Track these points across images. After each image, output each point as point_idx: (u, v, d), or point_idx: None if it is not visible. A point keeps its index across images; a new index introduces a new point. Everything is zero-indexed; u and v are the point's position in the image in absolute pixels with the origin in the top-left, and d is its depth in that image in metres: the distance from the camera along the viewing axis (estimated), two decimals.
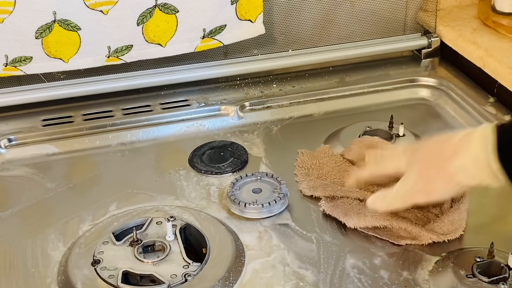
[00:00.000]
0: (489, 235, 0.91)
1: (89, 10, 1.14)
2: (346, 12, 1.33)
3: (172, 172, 1.07)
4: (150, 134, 1.18)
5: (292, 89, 1.29)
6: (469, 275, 0.83)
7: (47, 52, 1.16)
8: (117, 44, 1.19)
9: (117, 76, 1.25)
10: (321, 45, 1.35)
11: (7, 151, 1.14)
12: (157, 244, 0.89)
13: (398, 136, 1.10)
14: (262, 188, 0.99)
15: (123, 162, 1.12)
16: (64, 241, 0.93)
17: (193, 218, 0.94)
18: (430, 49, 1.37)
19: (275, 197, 0.97)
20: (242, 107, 1.24)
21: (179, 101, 1.25)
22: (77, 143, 1.16)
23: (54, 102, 1.23)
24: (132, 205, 0.99)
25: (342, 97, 1.28)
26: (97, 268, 0.85)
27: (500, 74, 1.19)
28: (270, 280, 0.86)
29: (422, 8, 1.38)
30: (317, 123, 1.21)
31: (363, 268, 0.88)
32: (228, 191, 0.98)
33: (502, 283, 0.82)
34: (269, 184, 1.00)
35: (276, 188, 0.99)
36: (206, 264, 0.86)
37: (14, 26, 1.12)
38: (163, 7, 1.17)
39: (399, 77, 1.32)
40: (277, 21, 1.30)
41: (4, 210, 1.00)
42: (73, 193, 1.04)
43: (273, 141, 1.16)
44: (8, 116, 1.21)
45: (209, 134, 1.18)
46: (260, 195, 0.98)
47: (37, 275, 0.88)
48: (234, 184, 0.99)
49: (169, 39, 1.21)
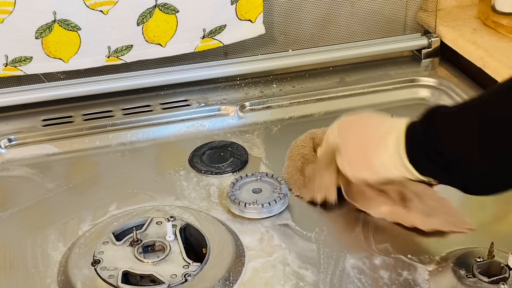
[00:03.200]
0: (489, 235, 0.91)
1: (89, 10, 1.14)
2: (346, 12, 1.33)
3: (172, 172, 1.07)
4: (150, 134, 1.18)
5: (292, 89, 1.29)
6: (469, 275, 0.83)
7: (47, 52, 1.16)
8: (117, 44, 1.19)
9: (117, 76, 1.25)
10: (321, 45, 1.35)
11: (7, 151, 1.14)
12: (157, 244, 0.89)
13: None
14: (262, 188, 0.99)
15: (123, 162, 1.11)
16: (64, 241, 0.93)
17: (193, 218, 0.94)
18: (430, 49, 1.37)
19: (275, 197, 0.97)
20: (242, 107, 1.24)
21: (179, 101, 1.25)
22: (77, 143, 1.16)
23: (54, 102, 1.23)
24: (132, 205, 0.99)
25: (342, 97, 1.28)
26: (97, 268, 0.85)
27: (500, 74, 1.19)
28: (270, 280, 0.86)
29: (422, 8, 1.38)
30: (317, 123, 1.20)
31: (363, 268, 0.88)
32: (228, 191, 0.98)
33: (502, 283, 0.82)
34: (269, 184, 1.00)
35: (276, 188, 0.99)
36: (206, 264, 0.86)
37: (14, 26, 1.12)
38: (163, 7, 1.18)
39: (399, 77, 1.32)
40: (277, 21, 1.30)
41: (4, 210, 1.00)
42: (73, 193, 1.04)
43: (273, 141, 1.16)
44: (8, 116, 1.21)
45: (209, 134, 1.18)
46: (260, 195, 0.98)
47: (37, 275, 0.88)
48: (234, 184, 0.99)
49: (169, 39, 1.21)
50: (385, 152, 0.84)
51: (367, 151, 0.87)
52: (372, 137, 0.87)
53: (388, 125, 0.86)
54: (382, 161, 0.85)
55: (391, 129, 0.84)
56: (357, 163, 0.89)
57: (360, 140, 0.89)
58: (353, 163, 0.90)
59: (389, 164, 0.84)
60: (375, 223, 0.95)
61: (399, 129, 0.83)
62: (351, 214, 0.97)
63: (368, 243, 0.92)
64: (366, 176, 0.88)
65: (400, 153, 0.82)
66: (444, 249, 0.90)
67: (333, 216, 0.96)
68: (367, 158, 0.87)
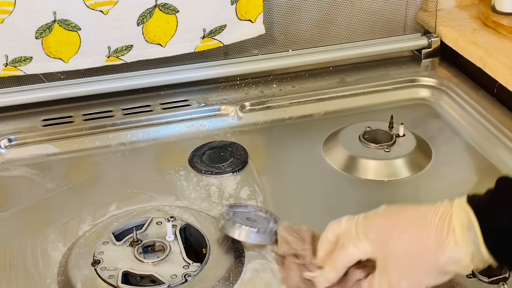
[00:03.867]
0: None
1: (89, 10, 1.14)
2: (346, 12, 1.33)
3: (172, 172, 1.07)
4: (150, 134, 1.18)
5: (292, 89, 1.29)
6: (469, 275, 0.83)
7: (47, 52, 1.16)
8: (117, 44, 1.19)
9: (117, 76, 1.25)
10: (321, 45, 1.35)
11: (7, 151, 1.14)
12: (157, 244, 0.89)
13: (398, 136, 1.11)
14: (257, 220, 0.92)
15: (123, 162, 1.11)
16: (64, 241, 0.93)
17: (193, 218, 0.94)
18: (430, 49, 1.37)
19: (272, 226, 0.89)
20: (242, 107, 1.24)
21: (179, 101, 1.25)
22: (77, 143, 1.16)
23: (54, 102, 1.23)
24: (132, 205, 0.99)
25: (342, 97, 1.28)
26: (97, 268, 0.85)
27: (500, 74, 1.19)
28: (270, 280, 0.86)
29: (422, 8, 1.38)
30: (317, 123, 1.21)
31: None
32: (224, 213, 0.90)
33: (502, 283, 0.82)
34: (265, 220, 0.93)
35: (270, 225, 0.90)
36: (206, 264, 0.86)
37: (14, 26, 1.12)
38: (163, 7, 1.17)
39: (399, 77, 1.32)
40: (277, 21, 1.30)
41: (4, 210, 1.00)
42: (73, 193, 1.04)
43: (273, 141, 1.16)
44: (8, 116, 1.21)
45: (209, 134, 1.18)
46: (253, 223, 0.90)
47: (37, 275, 0.88)
48: (231, 207, 0.92)
49: (169, 39, 1.21)
50: (454, 246, 0.71)
51: (425, 252, 0.73)
52: (422, 235, 0.73)
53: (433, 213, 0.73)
54: (451, 258, 0.72)
55: (445, 217, 0.72)
56: (416, 272, 0.74)
57: (409, 244, 0.73)
58: (411, 273, 0.74)
59: (460, 257, 0.72)
60: None
61: (462, 215, 0.72)
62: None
63: None
64: (432, 281, 0.74)
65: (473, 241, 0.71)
66: None
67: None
68: (428, 261, 0.73)
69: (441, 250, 0.71)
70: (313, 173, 1.07)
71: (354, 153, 1.08)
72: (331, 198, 1.02)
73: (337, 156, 1.09)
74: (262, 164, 1.09)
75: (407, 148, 1.09)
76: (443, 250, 0.71)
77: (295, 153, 1.11)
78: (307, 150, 1.12)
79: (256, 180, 1.05)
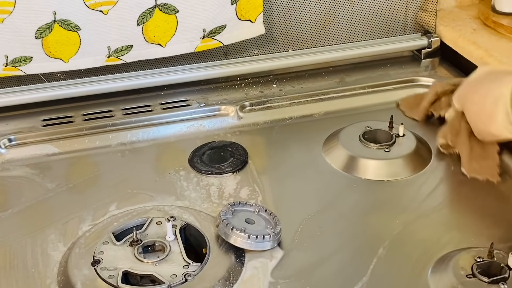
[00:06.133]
0: (489, 235, 0.91)
1: (89, 10, 1.14)
2: (346, 12, 1.33)
3: (172, 172, 1.07)
4: (150, 134, 1.18)
5: (292, 89, 1.29)
6: (469, 275, 0.83)
7: (47, 52, 1.16)
8: (117, 44, 1.19)
9: (117, 76, 1.25)
10: (321, 45, 1.35)
11: (7, 151, 1.14)
12: (157, 244, 0.89)
13: (398, 136, 1.11)
14: (256, 221, 0.92)
15: (123, 162, 1.11)
16: (64, 241, 0.93)
17: (193, 218, 0.94)
18: (430, 49, 1.37)
19: (265, 232, 0.89)
20: (242, 107, 1.24)
21: (179, 101, 1.25)
22: (77, 143, 1.16)
23: (54, 102, 1.23)
24: (132, 205, 0.99)
25: (342, 97, 1.28)
26: (97, 268, 0.85)
27: None
28: (270, 280, 0.86)
29: (422, 8, 1.38)
30: (317, 123, 1.21)
31: None
32: (221, 213, 0.91)
33: (502, 283, 0.82)
34: (265, 220, 0.93)
35: (270, 227, 0.91)
36: (206, 264, 0.86)
37: (14, 26, 1.12)
38: (163, 7, 1.18)
39: (399, 77, 1.32)
40: (277, 21, 1.30)
41: (4, 210, 1.00)
42: (73, 193, 1.04)
43: (273, 141, 1.16)
44: (8, 116, 1.21)
45: (209, 134, 1.18)
46: (251, 225, 0.91)
47: (37, 275, 0.88)
48: (230, 206, 0.93)
49: (169, 39, 1.21)
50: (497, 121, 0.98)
51: (483, 121, 1.02)
52: (484, 111, 1.02)
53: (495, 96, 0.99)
54: (497, 128, 0.99)
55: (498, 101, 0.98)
56: (479, 128, 1.04)
57: (475, 112, 1.04)
58: (476, 129, 1.05)
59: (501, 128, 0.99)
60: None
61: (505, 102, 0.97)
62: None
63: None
64: (489, 138, 1.04)
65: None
66: (444, 249, 0.90)
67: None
68: (485, 128, 1.02)
69: (490, 122, 1.00)
70: (313, 173, 1.07)
71: (354, 153, 1.08)
72: (331, 198, 1.02)
73: (337, 156, 1.09)
74: (262, 164, 1.09)
75: (407, 148, 1.09)
76: (492, 121, 0.99)
77: (295, 153, 1.11)
78: (307, 150, 1.12)
79: (256, 180, 1.05)
